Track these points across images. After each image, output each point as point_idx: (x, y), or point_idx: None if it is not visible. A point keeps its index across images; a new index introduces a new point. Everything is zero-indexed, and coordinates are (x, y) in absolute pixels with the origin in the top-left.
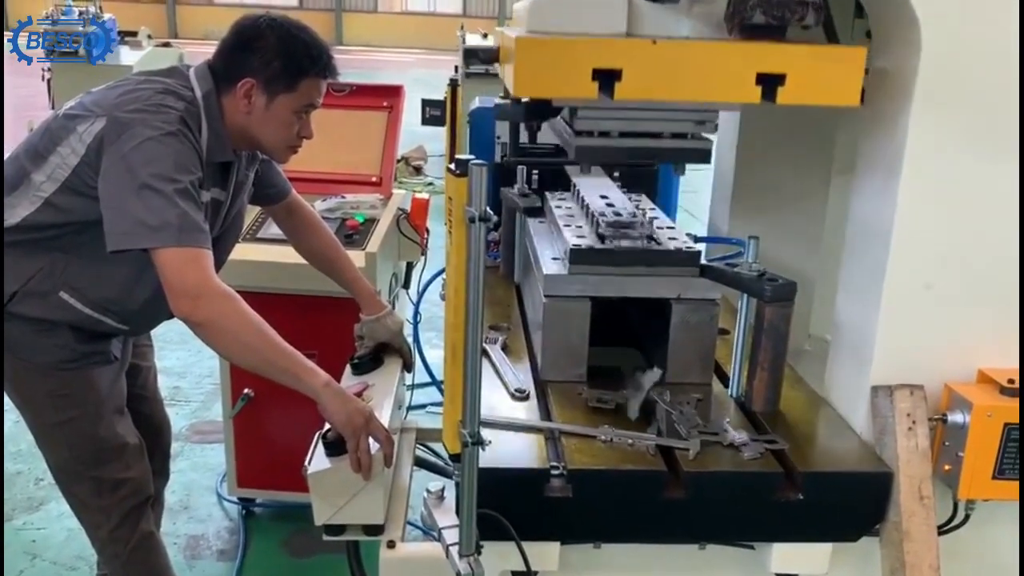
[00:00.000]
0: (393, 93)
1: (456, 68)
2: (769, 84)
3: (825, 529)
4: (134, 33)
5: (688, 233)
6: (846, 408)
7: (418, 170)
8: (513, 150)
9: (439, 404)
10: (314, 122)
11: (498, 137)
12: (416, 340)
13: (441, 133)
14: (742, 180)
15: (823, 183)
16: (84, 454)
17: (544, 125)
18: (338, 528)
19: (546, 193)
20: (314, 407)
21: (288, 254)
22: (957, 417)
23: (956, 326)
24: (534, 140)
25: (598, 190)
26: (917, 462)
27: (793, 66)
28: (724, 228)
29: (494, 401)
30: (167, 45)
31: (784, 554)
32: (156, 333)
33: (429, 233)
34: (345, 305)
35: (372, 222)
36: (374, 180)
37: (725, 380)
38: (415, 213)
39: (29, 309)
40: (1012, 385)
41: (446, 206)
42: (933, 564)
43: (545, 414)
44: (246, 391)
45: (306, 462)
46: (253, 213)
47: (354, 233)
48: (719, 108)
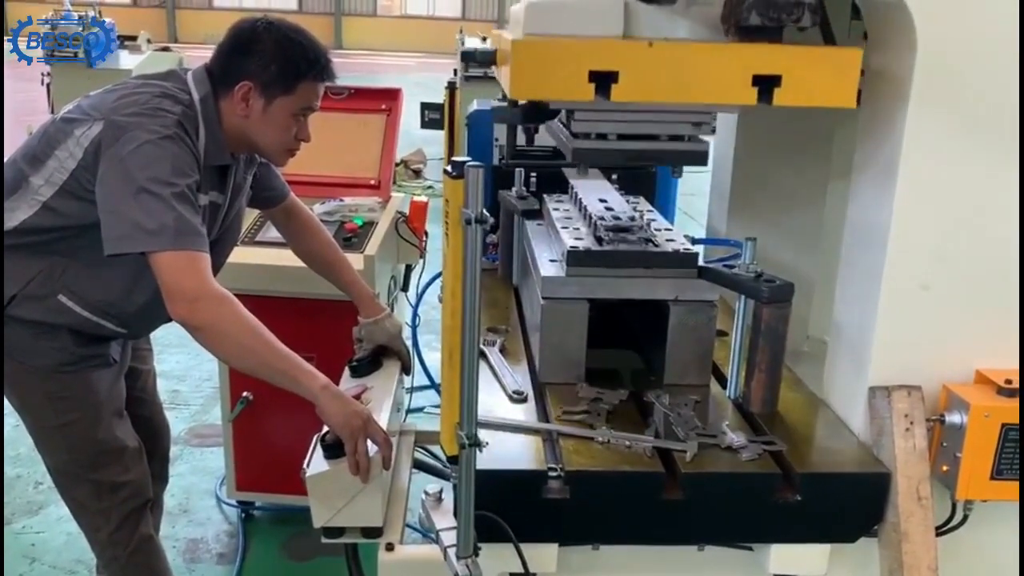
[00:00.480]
0: (391, 96)
1: (455, 71)
2: (765, 86)
3: (823, 530)
4: (134, 37)
5: (686, 235)
6: (844, 409)
7: (417, 173)
8: (511, 153)
9: (438, 407)
10: (312, 125)
11: (496, 140)
12: (415, 343)
13: (440, 136)
14: (740, 182)
15: (821, 184)
16: (83, 457)
17: (542, 128)
18: (337, 531)
19: (544, 195)
20: (313, 410)
21: (286, 257)
22: (955, 418)
23: (953, 327)
24: (532, 143)
25: (596, 193)
26: (915, 463)
27: (789, 68)
28: (722, 230)
29: (492, 403)
30: (166, 49)
31: (782, 555)
32: (155, 336)
33: (428, 236)
34: (343, 308)
35: (371, 225)
36: (373, 183)
37: (723, 381)
38: (414, 216)
39: (28, 312)
40: (1010, 385)
41: (443, 208)
42: (931, 565)
43: (543, 416)
44: (245, 394)
45: (305, 465)
46: (251, 216)
47: (353, 236)
48: (716, 110)
